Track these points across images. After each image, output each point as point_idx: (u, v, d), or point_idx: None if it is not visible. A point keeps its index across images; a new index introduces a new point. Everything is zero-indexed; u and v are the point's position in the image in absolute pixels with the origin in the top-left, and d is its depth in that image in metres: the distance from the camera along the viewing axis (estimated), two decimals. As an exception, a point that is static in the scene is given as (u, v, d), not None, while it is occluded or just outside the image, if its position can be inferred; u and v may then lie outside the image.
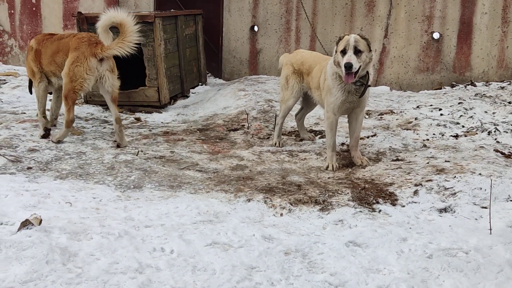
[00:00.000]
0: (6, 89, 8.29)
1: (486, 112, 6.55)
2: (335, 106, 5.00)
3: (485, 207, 3.92)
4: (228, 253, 3.28)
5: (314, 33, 9.00)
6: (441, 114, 6.62)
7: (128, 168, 4.93)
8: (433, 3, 8.54)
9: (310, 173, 4.96)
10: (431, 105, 7.06)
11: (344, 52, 4.67)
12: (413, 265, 3.19)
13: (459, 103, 6.98)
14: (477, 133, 5.88)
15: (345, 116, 5.33)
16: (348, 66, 4.58)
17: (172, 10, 8.53)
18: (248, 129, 6.39)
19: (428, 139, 5.80)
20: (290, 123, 6.49)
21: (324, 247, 3.40)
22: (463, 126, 6.15)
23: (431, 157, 5.12)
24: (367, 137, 5.92)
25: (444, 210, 4.01)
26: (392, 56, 8.82)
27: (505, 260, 3.20)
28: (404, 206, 4.11)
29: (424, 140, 5.76)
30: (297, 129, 6.19)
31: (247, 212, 4.00)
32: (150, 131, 6.37)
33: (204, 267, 3.12)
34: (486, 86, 8.06)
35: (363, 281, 3.04)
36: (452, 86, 8.46)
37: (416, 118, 6.48)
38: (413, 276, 3.08)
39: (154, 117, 7.12)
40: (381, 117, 6.73)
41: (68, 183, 4.44)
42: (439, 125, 6.18)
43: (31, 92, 6.35)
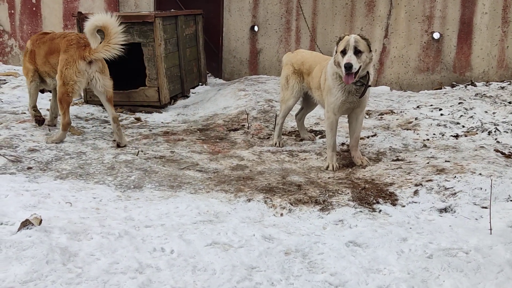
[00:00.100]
0: (6, 89, 8.29)
1: (486, 112, 6.55)
2: (335, 106, 5.00)
3: (485, 207, 3.92)
4: (228, 253, 3.28)
5: (312, 35, 9.00)
6: (441, 114, 6.62)
7: (128, 168, 4.93)
8: (433, 3, 8.54)
9: (310, 173, 4.96)
10: (431, 105, 7.06)
11: (344, 53, 4.66)
12: (413, 265, 3.19)
13: (459, 103, 6.98)
14: (477, 133, 5.88)
15: (345, 116, 5.33)
16: (348, 67, 4.58)
17: (172, 10, 8.53)
18: (248, 129, 6.39)
19: (428, 139, 5.80)
20: (290, 123, 6.49)
21: (324, 247, 3.40)
22: (463, 126, 6.15)
23: (431, 157, 5.12)
24: (367, 137, 5.92)
25: (444, 210, 4.01)
26: (392, 56, 8.82)
27: (505, 260, 3.20)
28: (404, 206, 4.11)
29: (424, 140, 5.76)
30: (297, 129, 6.19)
31: (247, 212, 4.00)
32: (150, 131, 6.37)
33: (204, 267, 3.12)
34: (486, 86, 8.06)
35: (363, 281, 3.04)
36: (452, 86, 8.46)
37: (416, 118, 6.48)
38: (413, 276, 3.08)
39: (154, 117, 7.12)
40: (381, 117, 6.73)
41: (68, 183, 4.44)
42: (439, 125, 6.18)
43: (42, 91, 6.57)
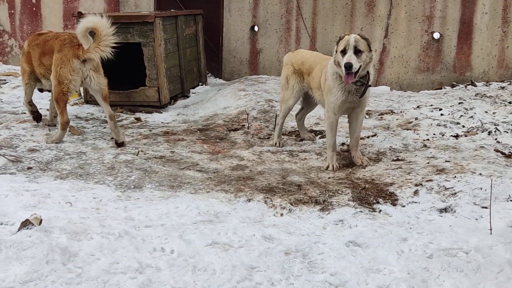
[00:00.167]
0: (6, 89, 8.29)
1: (487, 112, 6.54)
2: (336, 106, 4.99)
3: (486, 207, 3.92)
4: (228, 253, 3.28)
5: (309, 35, 9.00)
6: (442, 114, 6.62)
7: (128, 168, 4.93)
8: (433, 3, 8.54)
9: (311, 173, 4.96)
10: (432, 105, 7.06)
11: (344, 52, 4.66)
12: (414, 265, 3.19)
13: (460, 103, 6.98)
14: (478, 133, 5.87)
15: (345, 116, 5.33)
16: (348, 66, 4.58)
17: (172, 10, 8.53)
18: (248, 129, 6.39)
19: (429, 139, 5.80)
20: (291, 123, 6.49)
21: (324, 247, 3.40)
22: (464, 126, 6.15)
23: (432, 157, 5.12)
24: (368, 137, 5.91)
25: (445, 210, 4.01)
26: (392, 56, 8.82)
27: (506, 260, 3.20)
28: (405, 206, 4.11)
29: (425, 140, 5.76)
30: (298, 129, 6.19)
31: (247, 212, 4.00)
32: (150, 131, 6.37)
33: (204, 267, 3.12)
34: (487, 86, 8.05)
35: (363, 281, 3.04)
36: (453, 86, 8.46)
37: (417, 118, 6.48)
38: (413, 276, 3.08)
39: (154, 117, 7.12)
40: (382, 117, 6.73)
41: (68, 183, 4.44)
42: (440, 125, 6.18)
43: (41, 91, 6.68)
